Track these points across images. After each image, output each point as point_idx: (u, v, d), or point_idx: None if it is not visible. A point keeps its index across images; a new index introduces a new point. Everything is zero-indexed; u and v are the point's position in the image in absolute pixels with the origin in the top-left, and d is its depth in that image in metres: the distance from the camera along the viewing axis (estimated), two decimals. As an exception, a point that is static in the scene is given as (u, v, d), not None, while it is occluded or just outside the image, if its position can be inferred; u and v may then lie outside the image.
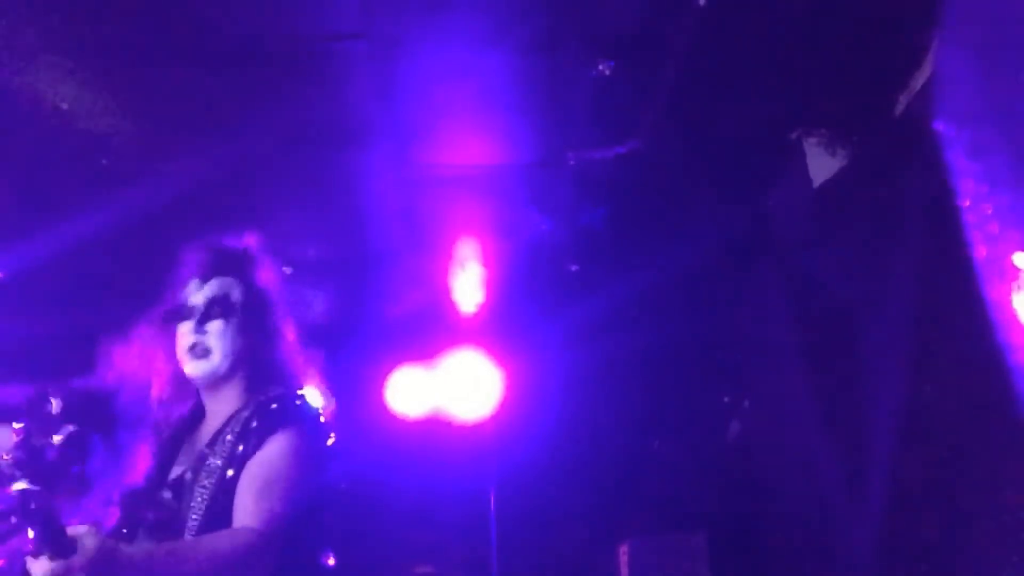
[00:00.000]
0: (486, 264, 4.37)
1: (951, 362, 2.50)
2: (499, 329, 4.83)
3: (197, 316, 2.23)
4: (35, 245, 3.87)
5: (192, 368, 2.22)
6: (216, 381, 2.24)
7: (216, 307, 2.25)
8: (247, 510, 2.00)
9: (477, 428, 4.82)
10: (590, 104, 3.22)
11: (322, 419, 2.27)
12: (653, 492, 4.82)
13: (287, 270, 4.29)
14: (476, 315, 4.73)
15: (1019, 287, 1.94)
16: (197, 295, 2.26)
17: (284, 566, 2.02)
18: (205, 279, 2.28)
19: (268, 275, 2.40)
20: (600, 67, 3.01)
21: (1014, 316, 1.96)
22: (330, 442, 2.28)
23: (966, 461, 2.45)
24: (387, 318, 4.90)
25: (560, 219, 3.99)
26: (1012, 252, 1.96)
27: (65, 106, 3.16)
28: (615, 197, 3.84)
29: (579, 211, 3.93)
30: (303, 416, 2.21)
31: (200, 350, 2.21)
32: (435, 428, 4.87)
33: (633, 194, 3.83)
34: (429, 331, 4.90)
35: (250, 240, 2.41)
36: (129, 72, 3.05)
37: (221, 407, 2.25)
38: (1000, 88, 2.01)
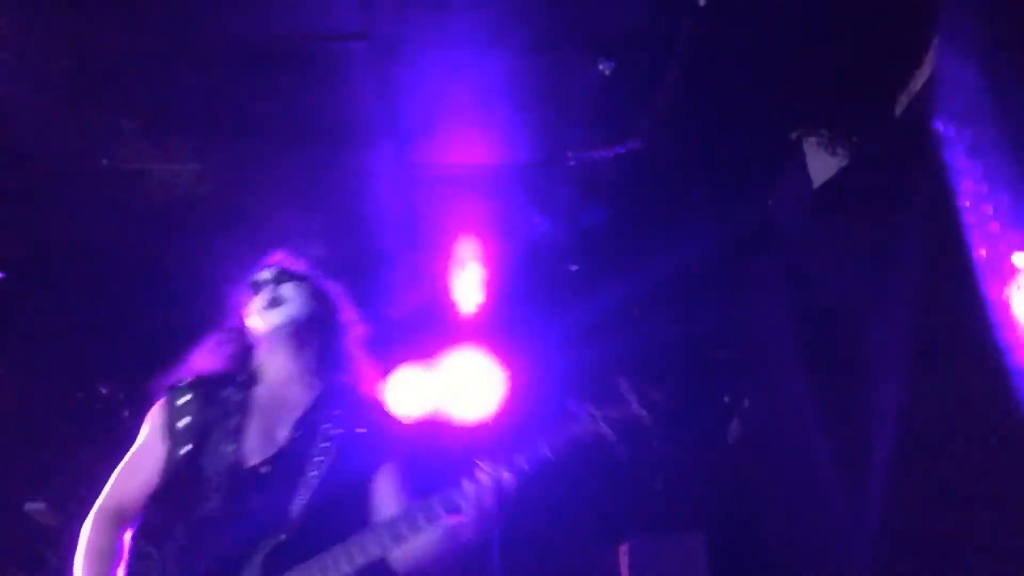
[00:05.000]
0: (486, 264, 4.36)
1: (951, 362, 2.50)
2: (499, 329, 4.82)
3: (271, 280, 2.27)
4: (37, 244, 3.88)
5: (270, 318, 2.22)
6: (291, 336, 2.23)
7: (287, 274, 2.30)
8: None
9: (477, 428, 4.82)
10: (590, 104, 3.22)
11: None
12: (653, 492, 4.82)
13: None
14: (476, 315, 4.71)
15: (1019, 287, 1.94)
16: (266, 273, 2.30)
17: None
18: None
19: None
20: (600, 67, 3.01)
21: (1014, 316, 1.96)
22: None
23: (966, 461, 2.45)
24: (387, 318, 4.89)
25: (560, 219, 3.99)
26: (1012, 252, 1.96)
27: (65, 106, 3.17)
28: (615, 197, 3.84)
29: (579, 211, 3.93)
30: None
31: (276, 301, 2.23)
32: (435, 428, 4.86)
33: (633, 194, 3.82)
34: (429, 331, 4.88)
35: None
36: (129, 72, 3.05)
37: (294, 393, 2.24)
38: (1000, 88, 2.01)
